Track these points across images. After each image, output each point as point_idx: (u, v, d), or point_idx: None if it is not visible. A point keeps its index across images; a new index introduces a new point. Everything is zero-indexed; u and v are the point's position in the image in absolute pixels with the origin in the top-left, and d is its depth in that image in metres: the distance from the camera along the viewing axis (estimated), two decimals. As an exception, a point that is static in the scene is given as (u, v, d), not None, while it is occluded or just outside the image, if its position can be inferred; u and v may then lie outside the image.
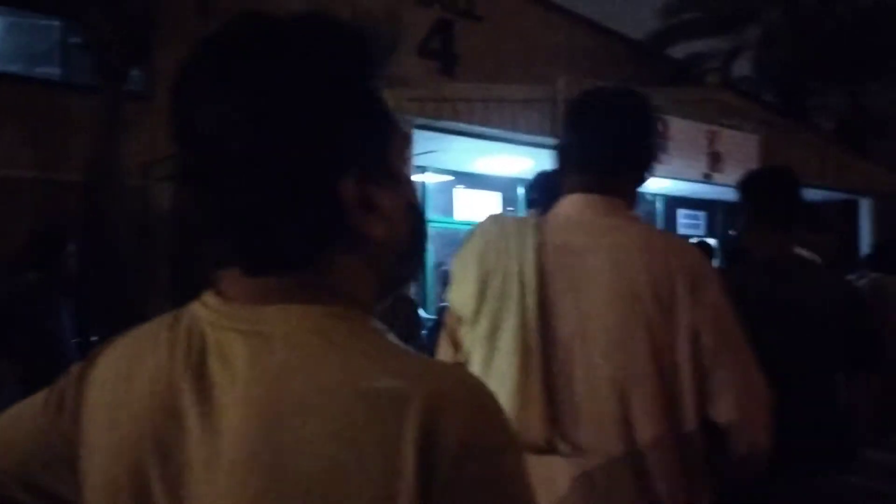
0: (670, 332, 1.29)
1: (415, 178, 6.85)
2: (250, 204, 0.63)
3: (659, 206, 11.59)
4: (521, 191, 10.07)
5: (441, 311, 7.87)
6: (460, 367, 0.67)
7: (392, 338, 0.67)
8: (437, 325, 7.19)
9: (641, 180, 1.51)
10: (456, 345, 1.46)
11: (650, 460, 1.28)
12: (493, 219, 1.47)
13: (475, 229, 1.47)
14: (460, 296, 1.41)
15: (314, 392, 0.60)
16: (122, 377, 0.68)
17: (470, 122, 6.94)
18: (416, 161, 7.09)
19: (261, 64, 0.62)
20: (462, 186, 9.55)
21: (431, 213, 9.26)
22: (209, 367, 0.64)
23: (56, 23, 8.91)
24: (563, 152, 1.55)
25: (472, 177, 9.43)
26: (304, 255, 0.65)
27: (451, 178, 9.30)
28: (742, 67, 16.36)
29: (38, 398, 0.73)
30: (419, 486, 0.57)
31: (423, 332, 6.24)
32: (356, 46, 0.67)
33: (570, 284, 1.33)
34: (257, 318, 0.64)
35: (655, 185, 8.84)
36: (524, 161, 8.49)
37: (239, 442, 0.60)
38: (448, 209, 9.56)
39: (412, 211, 0.74)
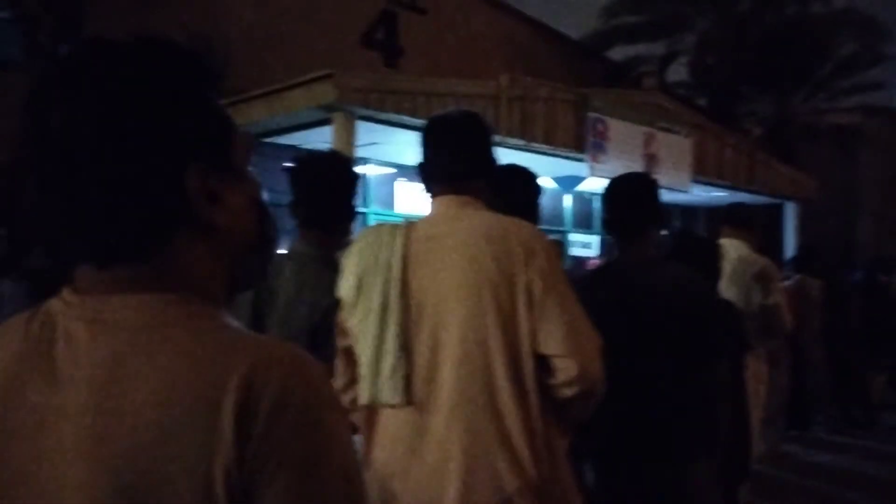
0: (510, 291, 1.57)
1: (356, 169, 6.79)
2: (94, 199, 0.69)
3: (596, 204, 11.83)
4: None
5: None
6: (283, 341, 0.73)
7: (229, 321, 0.74)
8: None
9: (488, 181, 1.83)
10: (342, 331, 1.73)
11: (503, 404, 1.54)
12: (373, 227, 1.76)
13: (359, 235, 1.76)
14: (344, 288, 1.70)
15: (144, 368, 0.67)
16: None
17: (413, 114, 6.92)
18: (358, 152, 7.03)
19: (103, 75, 0.71)
20: (404, 179, 9.54)
21: (373, 206, 9.22)
22: (56, 351, 0.70)
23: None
24: (424, 167, 1.85)
25: (414, 170, 9.41)
26: (146, 246, 0.72)
27: (392, 170, 9.27)
28: (677, 72, 16.81)
29: None
30: (237, 443, 0.64)
31: None
32: (188, 61, 0.75)
33: (429, 263, 1.63)
34: (101, 307, 0.71)
35: (594, 184, 9.00)
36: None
37: (75, 415, 0.67)
38: (389, 202, 9.53)
39: (258, 206, 0.81)
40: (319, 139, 7.00)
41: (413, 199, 9.70)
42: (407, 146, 8.04)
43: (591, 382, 1.58)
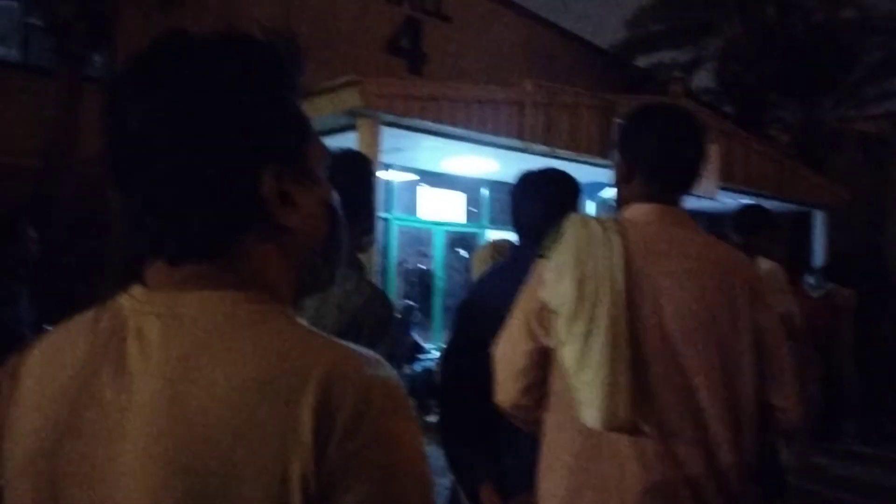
0: (734, 331, 1.50)
1: (380, 175, 6.81)
2: (171, 196, 0.70)
3: (619, 211, 11.74)
4: (485, 192, 10.12)
5: (406, 309, 7.86)
6: (356, 346, 0.71)
7: (301, 321, 0.73)
8: (402, 323, 7.20)
9: (687, 191, 1.69)
10: (535, 336, 1.61)
11: (717, 440, 1.48)
12: (581, 222, 1.59)
13: (566, 232, 1.59)
14: (558, 295, 1.55)
15: (219, 365, 0.66)
16: (48, 366, 0.74)
17: (437, 120, 6.93)
18: (383, 158, 7.05)
19: (182, 72, 0.71)
20: (426, 185, 9.55)
21: (395, 211, 9.24)
22: (127, 347, 0.70)
23: (15, 3, 8.65)
24: (628, 164, 1.68)
25: (437, 176, 9.43)
26: (220, 244, 0.72)
27: (415, 176, 9.29)
28: (703, 79, 16.69)
29: None
30: (315, 448, 0.63)
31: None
32: (268, 59, 0.75)
33: (652, 287, 1.51)
34: (173, 302, 0.71)
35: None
36: (490, 163, 8.52)
37: (148, 411, 0.66)
38: (412, 207, 9.54)
39: (329, 210, 0.81)
40: (344, 145, 7.02)
41: (436, 206, 9.71)
42: (431, 152, 8.06)
43: (801, 427, 1.64)
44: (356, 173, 2.15)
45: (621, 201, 1.69)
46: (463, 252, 10.00)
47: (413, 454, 0.68)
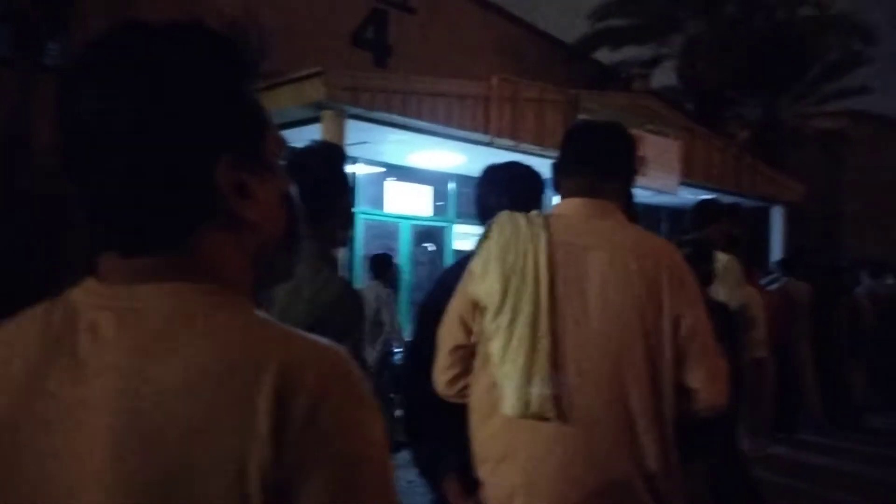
0: (656, 316, 1.54)
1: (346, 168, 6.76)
2: (125, 186, 0.68)
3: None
4: (451, 186, 10.13)
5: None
6: (314, 336, 0.71)
7: (258, 313, 0.72)
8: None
9: (626, 189, 1.78)
10: (467, 329, 1.67)
11: (640, 425, 1.53)
12: (508, 218, 1.67)
13: (493, 228, 1.66)
14: (485, 289, 1.61)
15: (173, 357, 0.65)
16: (1, 357, 0.72)
17: (403, 114, 6.91)
18: (348, 151, 7.00)
19: (138, 62, 0.69)
20: (393, 179, 9.52)
21: (362, 205, 9.19)
22: (79, 342, 0.68)
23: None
24: (558, 164, 1.79)
25: (404, 170, 9.41)
26: (174, 235, 0.71)
27: (382, 170, 9.25)
28: (665, 76, 16.88)
29: None
30: (272, 437, 0.62)
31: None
32: (225, 49, 0.74)
33: (576, 278, 1.56)
34: (128, 295, 0.69)
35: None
36: (457, 156, 8.52)
37: (102, 405, 0.65)
38: (378, 201, 9.51)
39: (287, 202, 0.80)
40: (308, 137, 6.95)
41: (402, 199, 9.69)
42: (397, 145, 8.03)
43: (721, 406, 1.63)
44: (331, 166, 2.12)
45: (559, 197, 1.79)
46: (429, 246, 10.00)
47: (373, 442, 0.67)
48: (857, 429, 6.93)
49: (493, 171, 2.29)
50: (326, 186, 2.10)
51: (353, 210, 2.26)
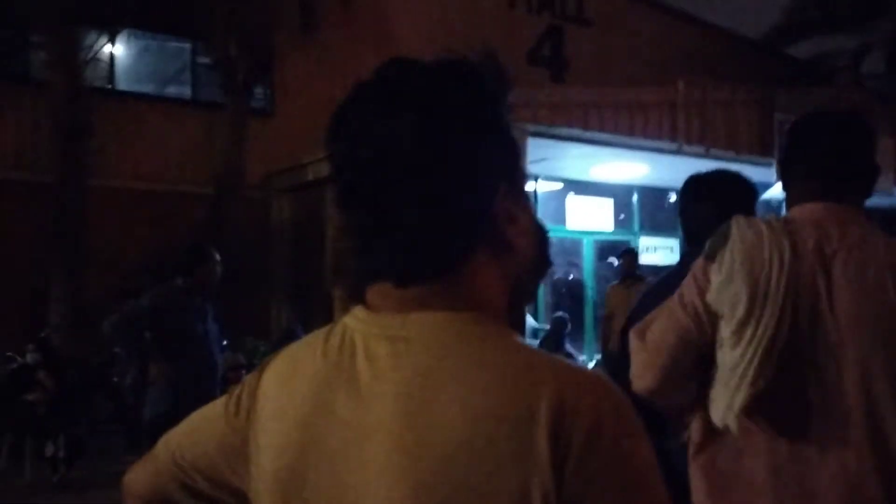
0: None
1: (528, 186, 6.79)
2: (411, 217, 0.70)
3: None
4: (634, 197, 9.83)
5: (559, 321, 7.74)
6: (578, 365, 0.72)
7: (520, 339, 0.74)
8: (550, 335, 7.14)
9: (868, 193, 1.64)
10: (684, 330, 1.58)
11: (893, 449, 1.41)
12: (748, 223, 1.57)
13: (732, 234, 1.57)
14: (727, 298, 1.53)
15: (451, 385, 0.67)
16: (285, 383, 0.77)
17: (584, 127, 6.82)
18: (529, 169, 7.01)
19: (424, 95, 0.72)
20: (574, 194, 9.40)
21: (544, 222, 9.17)
22: (358, 367, 0.72)
23: (186, 45, 9.44)
24: (787, 164, 1.68)
25: (586, 184, 9.27)
26: (451, 264, 0.72)
27: (562, 185, 9.18)
28: (873, 65, 15.35)
29: (220, 403, 0.84)
30: (553, 471, 0.63)
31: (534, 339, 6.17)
32: (489, 81, 0.76)
33: (821, 288, 1.47)
34: (400, 324, 0.72)
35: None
36: (640, 167, 8.26)
37: (385, 430, 0.68)
38: (560, 217, 9.43)
39: (537, 225, 0.84)
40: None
41: (584, 214, 9.54)
42: (579, 160, 7.93)
43: None
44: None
45: (790, 201, 1.65)
46: (614, 261, 9.75)
47: (650, 473, 0.68)
48: None
49: (697, 180, 2.18)
50: None
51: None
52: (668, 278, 2.16)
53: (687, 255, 2.25)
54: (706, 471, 1.57)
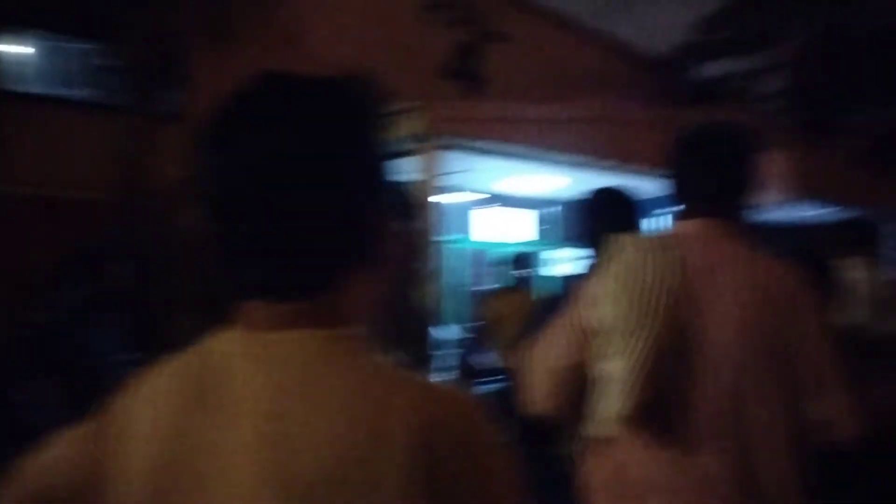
0: (785, 342, 1.50)
1: (442, 198, 6.81)
2: (286, 234, 0.70)
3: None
4: (550, 211, 10.03)
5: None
6: (444, 383, 0.73)
7: (383, 357, 0.74)
8: (471, 343, 7.17)
9: (746, 206, 1.73)
10: (572, 350, 1.64)
11: (765, 455, 1.48)
12: (631, 240, 1.63)
13: (616, 251, 1.63)
14: (609, 313, 1.58)
15: (310, 406, 0.68)
16: (146, 407, 0.76)
17: (501, 141, 6.91)
18: (448, 181, 7.05)
19: (300, 110, 0.71)
20: (490, 206, 9.51)
21: (458, 234, 9.22)
22: (221, 389, 0.71)
23: (93, 46, 9.04)
24: (674, 179, 1.76)
25: (503, 197, 9.39)
26: (325, 281, 0.73)
27: (479, 197, 9.27)
28: (770, 87, 16.24)
29: (81, 427, 0.82)
30: (418, 482, 0.65)
31: (438, 351, 6.17)
32: (364, 97, 0.77)
33: (700, 302, 1.53)
34: (263, 343, 0.72)
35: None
36: (554, 181, 8.44)
37: (248, 454, 0.68)
38: (475, 229, 9.51)
39: (410, 238, 0.81)
40: (407, 170, 7.06)
41: (501, 226, 9.65)
42: (495, 172, 8.04)
43: (855, 439, 1.55)
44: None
45: (675, 217, 1.75)
46: (529, 272, 9.89)
47: (510, 483, 0.70)
48: None
49: (591, 196, 2.30)
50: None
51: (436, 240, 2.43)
52: (561, 292, 2.23)
53: (577, 270, 2.34)
54: (593, 476, 1.63)
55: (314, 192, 0.70)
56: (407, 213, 2.26)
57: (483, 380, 7.34)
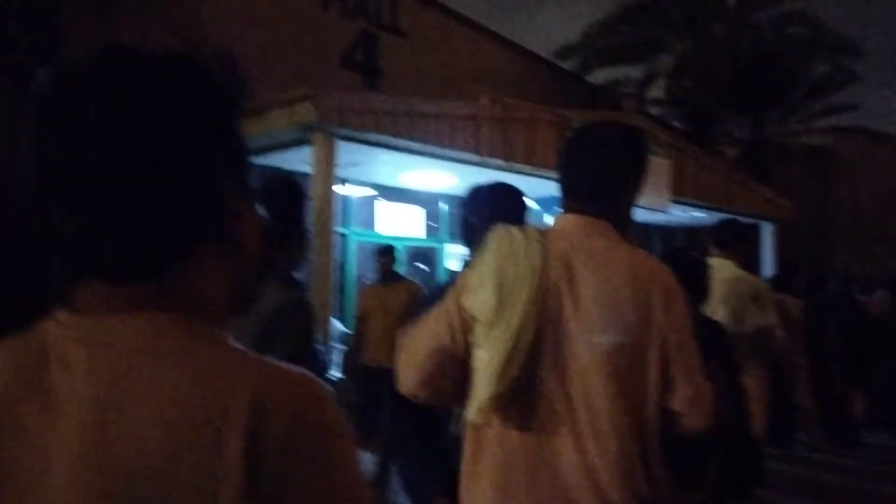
0: (644, 338, 1.55)
1: (337, 189, 6.76)
2: (126, 213, 0.67)
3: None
4: (443, 206, 10.13)
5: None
6: (287, 366, 0.70)
7: (229, 341, 0.71)
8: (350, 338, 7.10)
9: (628, 206, 1.76)
10: (441, 335, 1.66)
11: (626, 446, 1.53)
12: (505, 232, 1.66)
13: (489, 242, 1.65)
14: (479, 302, 1.60)
15: (146, 392, 0.64)
16: None
17: (394, 135, 6.91)
18: (339, 172, 6.99)
19: (138, 85, 0.68)
20: (384, 200, 9.51)
21: (353, 226, 9.17)
22: (51, 375, 0.67)
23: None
24: (561, 177, 1.76)
25: (396, 190, 9.41)
26: (169, 262, 0.70)
27: (373, 191, 9.24)
28: (655, 95, 17.00)
29: None
30: (245, 472, 0.62)
31: (327, 342, 6.08)
32: (215, 74, 0.73)
33: (567, 295, 1.57)
34: (100, 327, 0.68)
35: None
36: (448, 177, 8.53)
37: (74, 442, 0.64)
38: (370, 222, 9.49)
39: (264, 225, 0.82)
40: (299, 159, 6.96)
41: (393, 220, 9.67)
42: (388, 166, 8.03)
43: (704, 429, 1.62)
44: (292, 196, 2.29)
45: (556, 213, 1.77)
46: (422, 266, 9.97)
47: (350, 474, 0.68)
48: (854, 446, 6.89)
49: (477, 192, 2.33)
50: (288, 215, 2.22)
51: (306, 231, 2.45)
52: (447, 284, 2.28)
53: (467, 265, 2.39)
54: (467, 459, 1.68)
55: (148, 169, 0.67)
56: (289, 200, 2.26)
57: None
